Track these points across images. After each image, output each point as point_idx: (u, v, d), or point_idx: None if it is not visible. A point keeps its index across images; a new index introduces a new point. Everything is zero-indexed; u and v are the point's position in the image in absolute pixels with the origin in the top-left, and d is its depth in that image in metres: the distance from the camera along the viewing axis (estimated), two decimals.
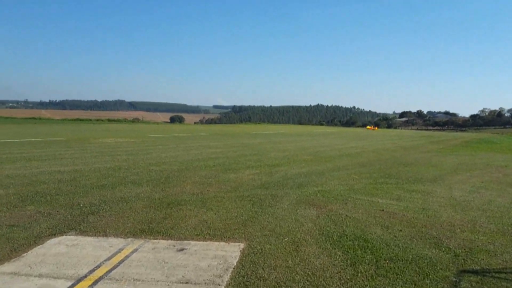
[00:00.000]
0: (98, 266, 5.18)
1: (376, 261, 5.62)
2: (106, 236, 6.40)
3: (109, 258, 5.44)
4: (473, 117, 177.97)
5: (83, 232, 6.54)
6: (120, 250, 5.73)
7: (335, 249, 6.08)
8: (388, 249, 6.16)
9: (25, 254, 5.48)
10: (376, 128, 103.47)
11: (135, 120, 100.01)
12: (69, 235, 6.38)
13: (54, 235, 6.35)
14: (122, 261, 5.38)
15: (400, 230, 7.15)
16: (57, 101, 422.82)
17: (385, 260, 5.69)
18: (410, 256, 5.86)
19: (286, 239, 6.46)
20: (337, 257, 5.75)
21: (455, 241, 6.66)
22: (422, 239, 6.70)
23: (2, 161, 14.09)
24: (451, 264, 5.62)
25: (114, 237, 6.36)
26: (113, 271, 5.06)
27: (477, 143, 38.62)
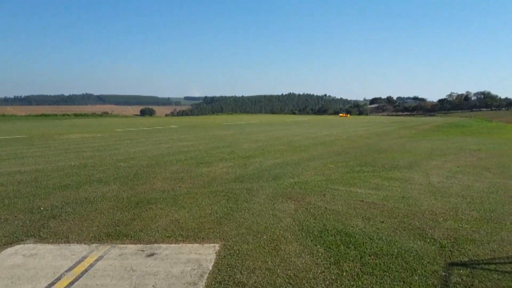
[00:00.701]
0: (58, 279, 4.64)
1: (361, 257, 5.29)
2: (68, 242, 5.84)
3: (70, 269, 4.90)
4: (441, 101, 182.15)
5: (43, 240, 5.95)
6: (83, 259, 5.21)
7: (316, 246, 5.72)
8: (371, 243, 5.85)
9: None
10: (348, 115, 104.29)
11: (103, 114, 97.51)
12: (27, 243, 5.79)
13: (11, 244, 5.75)
14: (86, 271, 4.86)
15: (382, 222, 6.87)
16: (22, 96, 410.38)
17: (369, 255, 5.37)
18: (395, 250, 5.56)
19: (264, 237, 6.06)
20: (320, 255, 5.39)
21: (439, 231, 6.41)
22: (405, 231, 6.42)
23: None
24: (438, 257, 5.34)
25: (77, 243, 5.81)
26: (75, 284, 4.55)
27: (448, 127, 39.26)
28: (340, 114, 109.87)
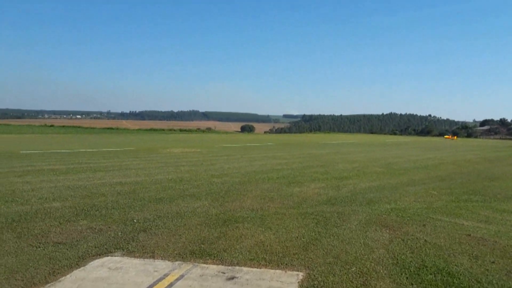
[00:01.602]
0: None
1: None
2: (153, 258, 5.87)
3: (150, 286, 4.85)
4: None
5: (130, 253, 6.05)
6: (164, 276, 5.15)
7: (412, 284, 5.07)
8: (479, 287, 5.05)
9: (63, 278, 5.04)
10: (455, 137, 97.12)
11: (206, 130, 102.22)
12: (115, 255, 5.92)
13: (100, 255, 5.93)
14: None
15: (493, 262, 5.95)
16: (136, 112, 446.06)
17: None
18: None
19: (353, 269, 5.54)
20: None
21: None
22: None
23: (68, 171, 14.36)
24: None
25: (161, 259, 5.81)
26: None
27: None
28: (446, 136, 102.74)
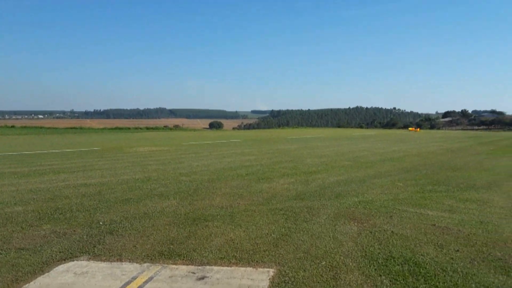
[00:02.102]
0: None
1: None
2: (121, 260, 5.72)
3: None
4: None
5: (96, 256, 5.89)
6: (133, 279, 5.03)
7: (380, 276, 5.15)
8: (444, 275, 5.17)
9: (26, 285, 4.84)
10: (419, 129, 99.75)
11: (173, 128, 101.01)
12: (80, 260, 5.74)
13: (65, 260, 5.74)
14: None
15: (457, 250, 6.13)
16: (101, 110, 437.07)
17: None
18: (473, 285, 4.87)
19: (323, 263, 5.58)
20: (384, 287, 4.83)
21: None
22: (484, 262, 5.66)
23: (30, 174, 13.85)
24: None
25: (129, 262, 5.67)
26: None
27: None
28: (410, 128, 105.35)
